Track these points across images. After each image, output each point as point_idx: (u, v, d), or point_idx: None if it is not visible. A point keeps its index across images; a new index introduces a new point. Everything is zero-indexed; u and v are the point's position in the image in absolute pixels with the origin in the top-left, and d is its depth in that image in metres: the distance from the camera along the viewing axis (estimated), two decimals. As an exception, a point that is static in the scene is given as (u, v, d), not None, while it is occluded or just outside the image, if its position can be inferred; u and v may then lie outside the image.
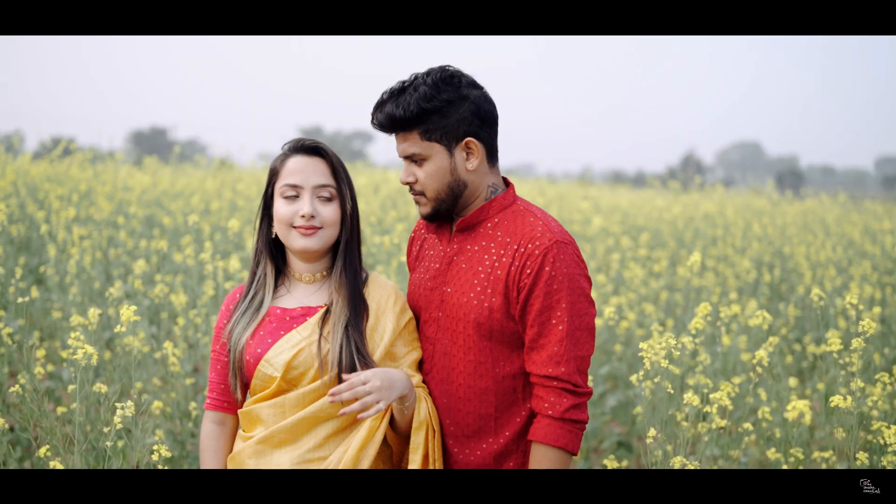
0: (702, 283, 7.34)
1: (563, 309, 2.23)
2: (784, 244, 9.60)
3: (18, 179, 8.68)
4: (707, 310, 3.34)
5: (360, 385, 2.14)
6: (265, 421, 2.27)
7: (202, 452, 2.38)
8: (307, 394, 2.24)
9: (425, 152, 2.30)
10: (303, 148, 2.33)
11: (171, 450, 4.41)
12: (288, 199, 2.28)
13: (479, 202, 2.37)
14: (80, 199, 8.68)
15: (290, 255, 2.35)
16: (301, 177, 2.29)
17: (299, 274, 2.35)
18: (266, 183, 2.36)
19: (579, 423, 2.27)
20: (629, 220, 11.10)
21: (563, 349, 2.23)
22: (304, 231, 2.27)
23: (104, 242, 7.02)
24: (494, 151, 2.39)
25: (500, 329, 2.30)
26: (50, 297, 6.04)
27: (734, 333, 5.83)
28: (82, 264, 5.97)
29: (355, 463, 2.21)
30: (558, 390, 2.24)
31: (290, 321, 2.31)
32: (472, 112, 2.29)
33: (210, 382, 2.39)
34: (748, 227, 10.56)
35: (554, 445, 2.24)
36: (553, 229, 2.29)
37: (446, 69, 2.31)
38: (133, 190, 9.47)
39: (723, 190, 15.41)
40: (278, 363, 2.25)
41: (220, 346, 2.37)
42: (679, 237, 10.12)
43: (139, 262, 5.27)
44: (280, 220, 2.28)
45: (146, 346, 4.56)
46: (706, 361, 4.12)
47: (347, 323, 2.26)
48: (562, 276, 2.24)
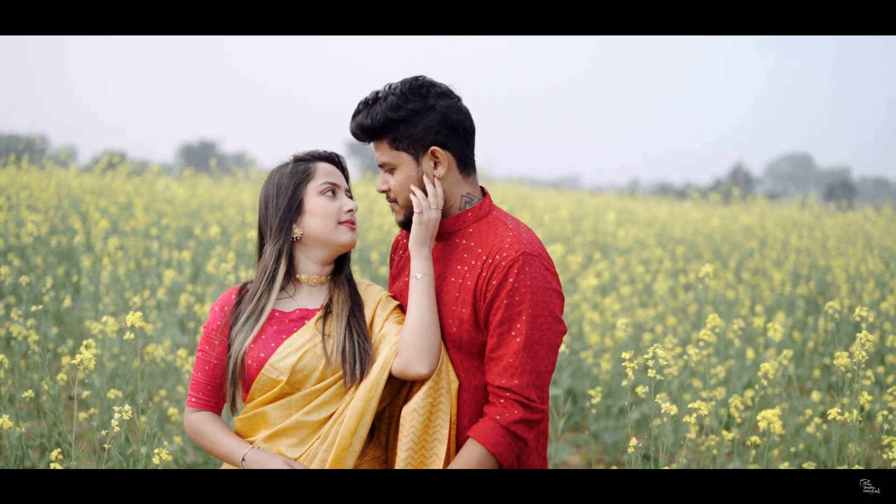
0: (733, 295, 7.26)
1: (523, 321, 2.22)
2: (821, 257, 9.43)
3: (61, 191, 8.93)
4: (717, 321, 3.32)
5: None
6: (271, 423, 2.32)
7: (206, 435, 2.36)
8: (313, 393, 2.30)
9: (394, 161, 2.34)
10: (327, 156, 2.46)
11: (196, 456, 4.49)
12: (328, 197, 2.38)
13: (453, 211, 2.39)
14: (121, 211, 8.90)
15: (304, 256, 2.40)
16: (336, 178, 2.41)
17: (307, 276, 2.40)
18: (290, 186, 2.38)
19: (521, 441, 2.24)
20: (666, 233, 11.01)
21: (518, 361, 2.21)
22: (352, 225, 2.39)
23: (140, 253, 7.17)
24: (467, 161, 2.39)
25: (470, 340, 2.30)
26: (83, 306, 6.18)
27: (761, 346, 5.76)
28: (116, 274, 6.12)
29: (350, 434, 2.25)
30: (511, 401, 2.22)
31: (289, 324, 2.35)
32: (438, 122, 2.31)
33: (195, 382, 2.41)
34: (787, 239, 10.40)
35: (489, 449, 2.22)
36: (523, 241, 2.28)
37: (417, 79, 2.34)
38: (173, 202, 9.68)
39: (763, 202, 15.18)
40: (284, 367, 2.29)
41: (210, 347, 2.39)
42: (716, 250, 10.01)
43: (167, 272, 5.39)
44: (326, 214, 2.36)
45: (170, 355, 4.65)
46: (720, 374, 4.07)
47: (350, 314, 2.34)
48: (525, 288, 2.22)
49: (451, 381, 2.32)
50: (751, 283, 8.35)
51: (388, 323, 2.37)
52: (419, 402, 2.27)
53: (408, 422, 2.27)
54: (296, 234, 2.38)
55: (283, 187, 2.39)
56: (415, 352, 2.26)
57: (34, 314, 4.93)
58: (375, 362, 2.30)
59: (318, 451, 2.29)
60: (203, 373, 2.40)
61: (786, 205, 16.33)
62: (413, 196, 2.34)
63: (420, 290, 2.31)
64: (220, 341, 2.38)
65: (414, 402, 2.28)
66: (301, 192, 2.38)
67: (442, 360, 2.31)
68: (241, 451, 2.31)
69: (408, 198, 2.36)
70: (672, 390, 5.35)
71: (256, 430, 2.35)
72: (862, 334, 2.74)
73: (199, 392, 2.41)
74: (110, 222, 8.32)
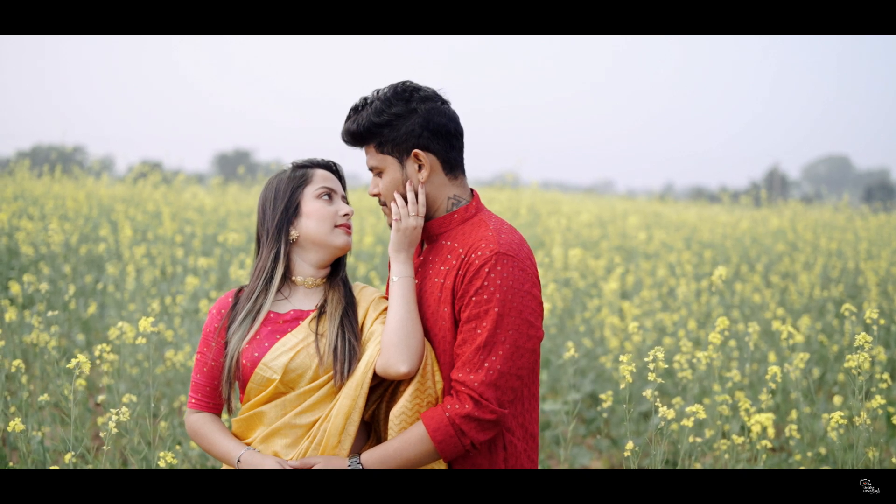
0: (759, 299, 7.17)
1: (489, 319, 2.21)
2: (850, 260, 9.29)
3: (91, 201, 9.09)
4: (725, 323, 3.29)
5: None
6: (268, 423, 2.36)
7: (204, 436, 2.41)
8: (306, 392, 2.33)
9: (381, 165, 2.39)
10: (324, 164, 2.52)
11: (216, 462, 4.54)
12: (325, 201, 2.43)
13: (440, 213, 2.41)
14: (150, 220, 9.04)
15: (300, 259, 2.45)
16: (333, 183, 2.48)
17: (303, 278, 2.44)
18: (287, 190, 2.44)
19: (465, 438, 2.22)
20: (695, 237, 10.91)
21: (477, 357, 2.21)
22: (348, 229, 2.45)
23: (167, 260, 7.27)
24: (453, 163, 2.41)
25: (451, 339, 2.31)
26: (110, 314, 6.28)
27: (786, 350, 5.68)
28: (141, 281, 6.21)
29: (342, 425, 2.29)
30: (464, 395, 2.21)
31: (283, 324, 2.39)
32: (420, 125, 2.34)
33: (195, 384, 2.46)
34: (816, 241, 10.27)
35: (430, 434, 2.22)
36: (502, 241, 2.28)
37: (401, 84, 2.38)
38: (202, 210, 9.80)
39: (794, 204, 14.98)
40: (277, 366, 2.33)
41: (208, 349, 2.44)
42: (744, 253, 9.90)
43: (190, 278, 5.46)
44: (322, 217, 2.41)
45: (190, 361, 4.71)
46: (736, 377, 4.03)
47: (343, 314, 2.38)
48: (495, 287, 2.22)
49: (436, 381, 2.33)
50: (779, 287, 8.25)
51: (377, 323, 2.40)
52: (406, 403, 2.29)
53: (396, 424, 2.29)
54: (292, 236, 2.42)
55: (281, 191, 2.44)
56: (393, 350, 2.27)
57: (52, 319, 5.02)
58: (360, 361, 2.33)
59: (309, 450, 2.32)
60: (202, 374, 2.45)
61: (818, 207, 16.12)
62: (392, 204, 2.38)
63: (397, 292, 2.34)
64: (218, 343, 2.42)
65: (400, 405, 2.29)
66: (298, 195, 2.44)
67: (427, 361, 2.32)
68: (237, 452, 2.35)
69: (403, 195, 2.39)
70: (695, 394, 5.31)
71: (253, 429, 2.39)
72: (860, 336, 2.70)
73: (199, 393, 2.46)
74: (138, 230, 8.45)
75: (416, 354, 2.28)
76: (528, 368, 2.28)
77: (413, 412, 2.29)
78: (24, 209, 9.03)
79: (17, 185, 10.67)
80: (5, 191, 10.11)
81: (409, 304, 2.33)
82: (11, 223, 8.17)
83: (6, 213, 8.06)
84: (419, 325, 2.31)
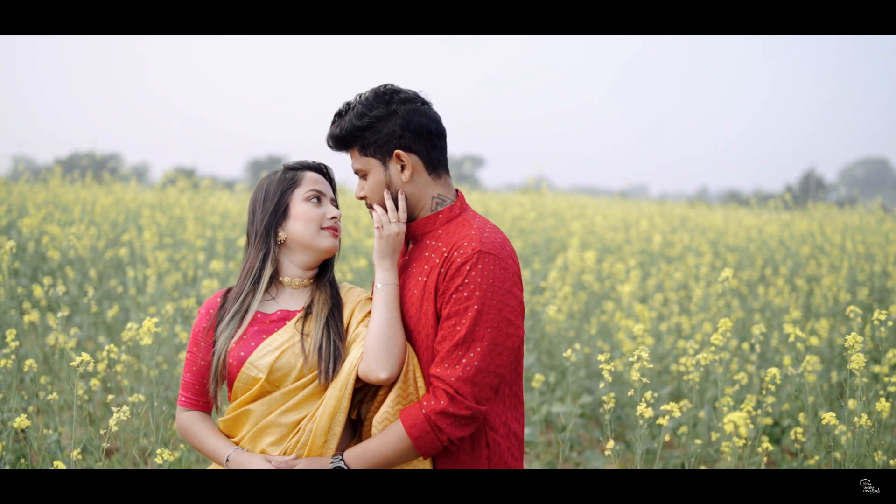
0: (780, 302, 7.10)
1: (468, 317, 2.23)
2: (876, 262, 9.16)
3: (119, 206, 9.24)
4: (728, 325, 3.28)
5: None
6: (255, 421, 2.40)
7: (195, 435, 2.45)
8: (291, 391, 2.37)
9: (365, 167, 2.42)
10: (315, 166, 2.55)
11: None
12: (313, 204, 2.46)
13: (424, 213, 2.44)
14: (176, 224, 9.17)
15: (288, 260, 2.48)
16: (322, 186, 2.51)
17: (290, 279, 2.48)
18: (277, 192, 2.48)
19: (442, 434, 2.23)
20: (722, 240, 10.82)
21: (455, 353, 2.23)
22: (335, 232, 2.47)
23: (189, 264, 7.37)
24: (435, 163, 2.43)
25: (434, 337, 2.33)
26: (131, 317, 6.38)
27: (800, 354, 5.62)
28: (163, 285, 6.31)
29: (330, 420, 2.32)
30: (440, 391, 2.23)
31: (270, 325, 2.43)
32: (401, 126, 2.36)
33: (185, 383, 2.50)
34: (843, 244, 10.13)
35: (406, 430, 2.24)
36: (484, 240, 2.30)
37: (382, 87, 2.41)
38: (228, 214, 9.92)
39: (823, 207, 14.78)
40: (262, 365, 2.37)
41: (197, 349, 2.48)
42: (770, 257, 9.80)
43: (206, 281, 5.53)
44: (309, 220, 2.45)
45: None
46: (744, 381, 4.00)
47: (329, 314, 2.41)
48: (475, 284, 2.24)
49: (419, 387, 2.34)
50: (804, 291, 8.16)
51: (362, 325, 2.42)
52: (388, 409, 2.32)
53: (378, 430, 2.31)
54: (280, 237, 2.46)
55: (271, 193, 2.48)
56: (374, 356, 2.30)
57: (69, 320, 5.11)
58: (345, 362, 2.36)
59: (294, 449, 2.35)
60: (191, 373, 2.49)
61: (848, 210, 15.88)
62: (374, 210, 2.41)
63: (380, 298, 2.37)
64: (206, 342, 2.46)
65: (383, 411, 2.32)
66: (287, 197, 2.47)
67: (410, 367, 2.34)
68: (226, 452, 2.39)
69: (379, 202, 2.42)
70: (706, 397, 5.28)
71: (240, 427, 2.42)
72: (851, 336, 2.67)
73: (189, 392, 2.50)
74: (164, 235, 8.57)
75: (396, 361, 2.31)
76: (508, 367, 2.29)
77: (395, 418, 2.31)
78: (51, 214, 9.21)
79: (49, 192, 10.89)
80: (37, 197, 10.32)
81: (392, 311, 2.35)
82: (41, 228, 8.33)
83: (35, 218, 8.23)
84: (401, 332, 2.34)
